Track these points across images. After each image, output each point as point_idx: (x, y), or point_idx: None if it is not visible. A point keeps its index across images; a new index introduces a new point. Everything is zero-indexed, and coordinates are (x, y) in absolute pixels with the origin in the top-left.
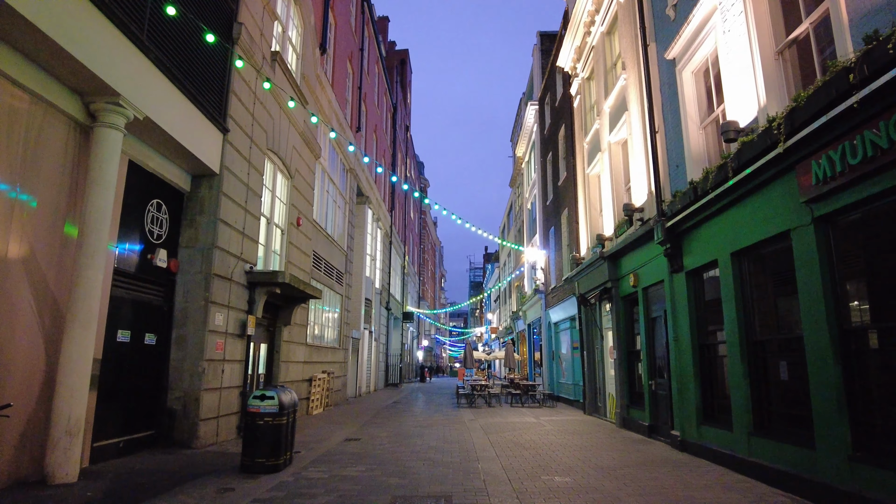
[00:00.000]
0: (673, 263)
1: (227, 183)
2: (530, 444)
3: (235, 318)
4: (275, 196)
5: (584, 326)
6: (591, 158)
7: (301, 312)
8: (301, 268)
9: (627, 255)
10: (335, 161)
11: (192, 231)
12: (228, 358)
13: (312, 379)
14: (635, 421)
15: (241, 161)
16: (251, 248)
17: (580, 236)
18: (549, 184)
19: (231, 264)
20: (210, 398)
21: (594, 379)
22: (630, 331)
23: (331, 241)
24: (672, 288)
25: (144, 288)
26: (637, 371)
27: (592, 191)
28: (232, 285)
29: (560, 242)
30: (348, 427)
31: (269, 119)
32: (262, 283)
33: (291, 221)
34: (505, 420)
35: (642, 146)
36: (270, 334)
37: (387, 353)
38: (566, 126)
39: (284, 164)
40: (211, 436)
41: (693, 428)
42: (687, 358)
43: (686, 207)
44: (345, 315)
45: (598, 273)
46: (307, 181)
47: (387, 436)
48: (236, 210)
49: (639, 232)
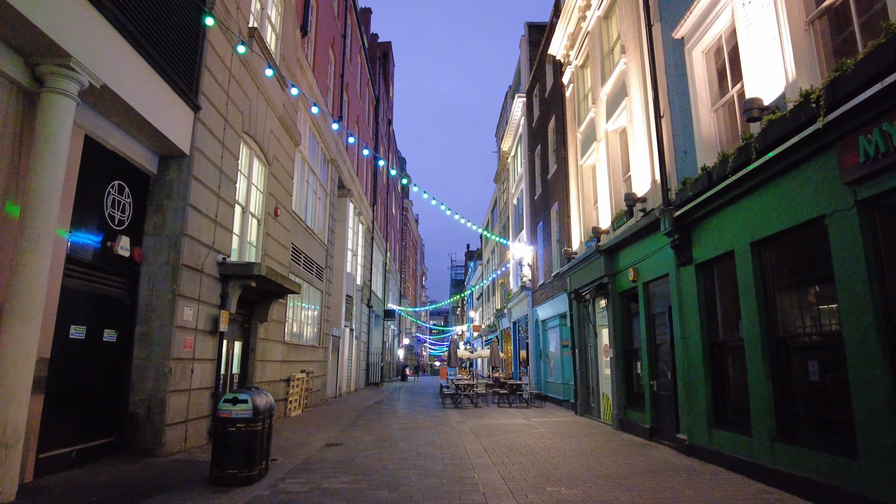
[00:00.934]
0: (680, 256)
1: (198, 165)
2: (526, 449)
3: (207, 313)
4: (251, 183)
5: (576, 324)
6: (586, 149)
7: (279, 308)
8: (279, 261)
9: (626, 248)
10: (316, 150)
11: (158, 217)
12: (199, 356)
13: (291, 379)
14: (634, 423)
15: (213, 143)
16: (225, 237)
17: (572, 230)
18: (537, 178)
19: (202, 254)
20: (177, 401)
21: (586, 378)
22: (628, 328)
23: (311, 234)
24: (679, 282)
25: (103, 279)
26: (635, 370)
27: (586, 183)
28: (203, 277)
29: (549, 238)
30: (329, 430)
31: (246, 100)
32: (237, 276)
33: (269, 211)
34: (495, 422)
35: (644, 133)
36: (246, 331)
37: (368, 352)
38: (557, 117)
39: (262, 149)
40: (178, 442)
41: (703, 432)
42: (696, 357)
43: (698, 195)
44: (325, 312)
45: (592, 268)
46: (286, 169)
47: (371, 440)
48: (208, 196)
49: (641, 223)
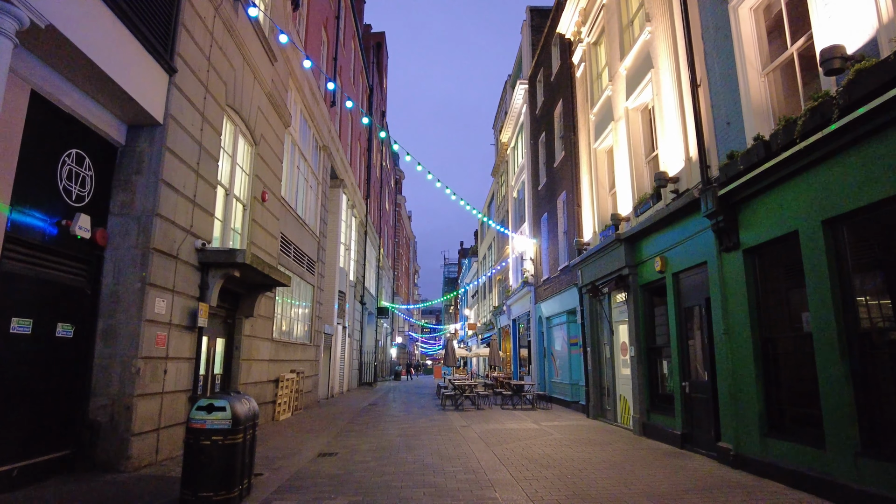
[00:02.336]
0: (724, 240)
1: (173, 137)
2: (547, 460)
3: (183, 305)
4: (235, 163)
5: (589, 320)
6: (601, 131)
7: (266, 303)
8: (267, 251)
9: (652, 235)
10: (307, 135)
11: (126, 195)
12: (173, 355)
13: (279, 380)
14: (660, 428)
15: (192, 113)
16: (205, 221)
17: (583, 220)
18: (541, 167)
19: (177, 239)
20: (147, 406)
21: (600, 379)
22: (651, 324)
23: (301, 224)
24: (721, 270)
25: (56, 264)
26: (660, 370)
27: (601, 168)
28: (178, 265)
29: (555, 230)
30: (322, 436)
31: (231, 70)
32: (218, 265)
33: (255, 195)
34: (502, 426)
35: (676, 106)
36: (229, 327)
37: (361, 351)
38: (565, 101)
39: (248, 126)
40: (147, 454)
41: (754, 441)
42: (744, 354)
43: (751, 168)
44: (317, 308)
45: (609, 259)
46: (274, 151)
47: (369, 449)
48: (185, 172)
49: (672, 206)
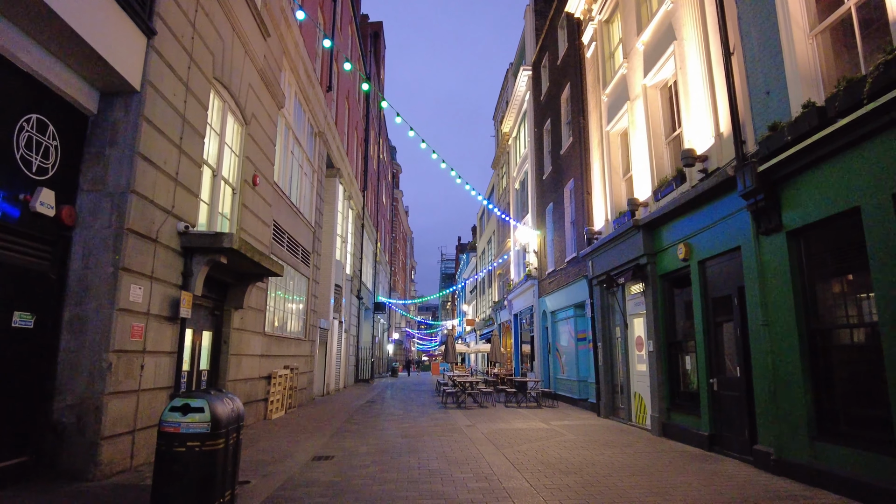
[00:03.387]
0: (763, 222)
1: (152, 106)
2: (566, 465)
3: (163, 293)
4: (224, 143)
5: (600, 314)
6: (614, 112)
7: (258, 294)
8: (258, 239)
9: (674, 220)
10: (302, 120)
11: (98, 169)
12: (152, 349)
13: (272, 376)
14: (683, 428)
15: (174, 81)
16: (189, 202)
17: (594, 208)
18: (545, 155)
19: (156, 220)
20: (120, 406)
21: (612, 376)
22: (671, 316)
23: (296, 212)
24: (759, 255)
25: (12, 244)
26: (682, 366)
27: (614, 152)
28: (158, 249)
29: (561, 220)
30: (317, 437)
31: (218, 40)
32: (203, 249)
33: (246, 179)
34: (509, 426)
35: (704, 79)
36: (217, 320)
37: (357, 346)
38: (572, 84)
39: (238, 103)
40: (121, 459)
41: (801, 445)
42: (788, 348)
43: (799, 140)
44: (312, 301)
45: (625, 248)
46: (267, 133)
47: (368, 451)
48: (166, 147)
49: (700, 187)
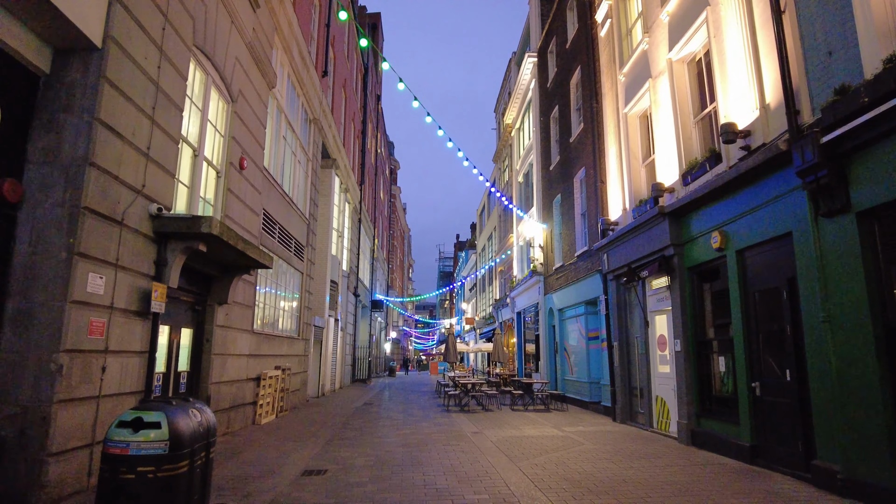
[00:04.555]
0: (825, 202)
1: (116, 67)
2: (594, 483)
3: (131, 285)
4: (206, 119)
5: (616, 311)
6: (633, 93)
7: (245, 288)
8: (245, 228)
9: (706, 206)
10: (295, 104)
11: (50, 137)
12: (116, 348)
13: (261, 377)
14: (716, 437)
15: (145, 43)
16: (163, 183)
17: (608, 198)
18: (552, 145)
19: (122, 199)
20: (74, 415)
21: (629, 378)
22: (701, 313)
23: (289, 203)
24: (819, 241)
25: None
26: (715, 367)
27: (633, 135)
28: (124, 233)
29: (571, 212)
30: (309, 446)
31: (200, 4)
32: (179, 235)
33: (232, 161)
34: (519, 432)
35: (744, 46)
36: (198, 316)
37: (354, 345)
38: (583, 67)
39: (223, 78)
40: (73, 479)
41: (879, 462)
42: (858, 348)
43: (878, 103)
44: (306, 298)
45: (647, 238)
46: (256, 113)
47: (366, 464)
48: (134, 116)
49: (742, 166)
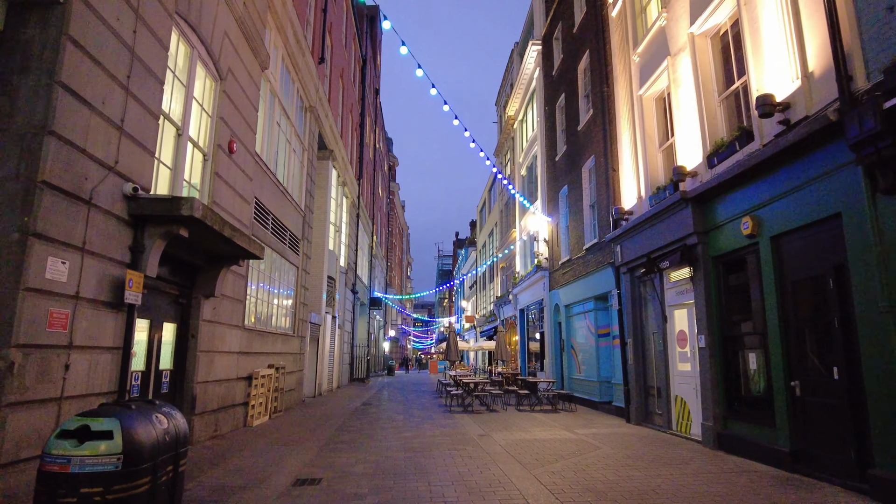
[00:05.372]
0: (885, 177)
1: (81, 25)
2: (622, 495)
3: (101, 272)
4: (191, 96)
5: (630, 305)
6: (649, 73)
7: (235, 281)
8: (235, 216)
9: (735, 190)
10: (290, 90)
11: (3, 101)
12: (83, 343)
13: (253, 377)
14: (747, 440)
15: (117, 2)
16: (141, 161)
17: (621, 186)
18: (558, 135)
19: (90, 175)
20: (28, 421)
21: (644, 376)
22: (728, 305)
23: (283, 192)
24: (876, 222)
25: None
26: (744, 364)
27: (648, 119)
28: (93, 214)
29: (579, 203)
30: (303, 450)
31: None
32: (157, 219)
33: (220, 144)
34: (529, 435)
35: (783, 9)
36: (183, 310)
37: (352, 344)
38: (593, 51)
39: (210, 53)
40: (25, 496)
41: None
42: None
43: None
44: (302, 294)
45: (667, 227)
46: (247, 94)
47: (364, 472)
48: (105, 82)
49: (781, 142)
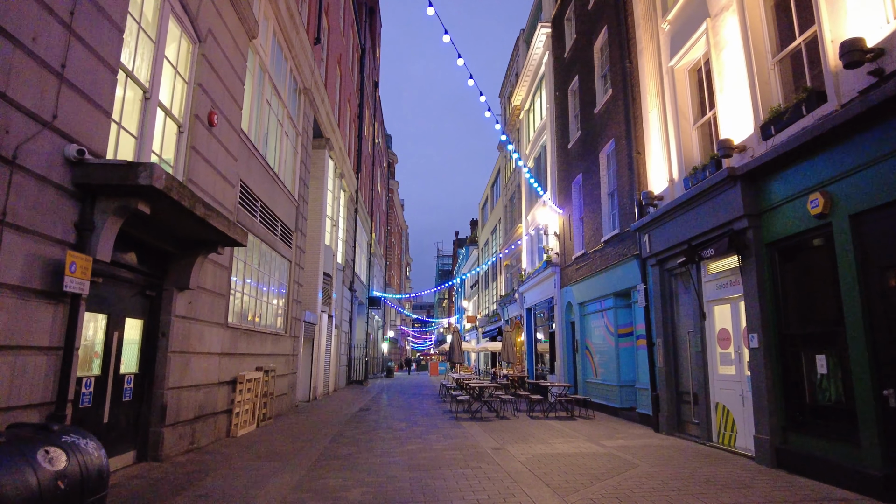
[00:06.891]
0: None
1: None
2: None
3: (31, 252)
4: (161, 55)
5: (660, 301)
6: (681, 42)
7: (216, 272)
8: (217, 199)
9: (797, 163)
10: (283, 68)
11: None
12: (3, 342)
13: (238, 381)
14: (816, 458)
15: None
16: (89, 118)
17: (649, 169)
18: (571, 121)
19: (15, 129)
20: None
21: (676, 381)
22: (787, 299)
23: (273, 178)
24: None
25: None
26: (810, 368)
27: (681, 92)
28: (20, 179)
29: (595, 192)
30: (289, 468)
31: None
32: (110, 189)
33: (199, 114)
34: (551, 448)
35: None
36: (151, 303)
37: (350, 344)
38: (611, 26)
39: (185, 8)
40: None
41: None
42: None
43: None
44: (295, 290)
45: (709, 210)
46: (231, 62)
47: (363, 498)
48: (34, 12)
49: (872, 98)
